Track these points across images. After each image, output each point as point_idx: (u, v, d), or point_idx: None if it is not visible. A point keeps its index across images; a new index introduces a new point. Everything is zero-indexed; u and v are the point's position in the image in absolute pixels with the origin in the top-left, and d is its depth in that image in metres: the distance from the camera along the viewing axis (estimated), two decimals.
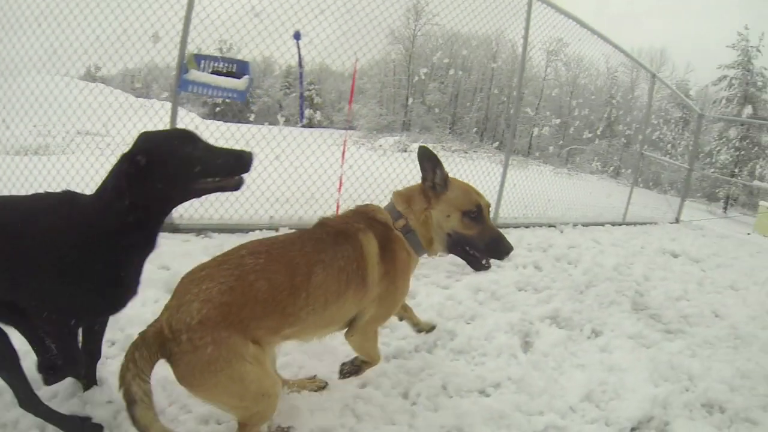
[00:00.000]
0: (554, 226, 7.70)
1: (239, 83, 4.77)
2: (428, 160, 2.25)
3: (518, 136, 37.85)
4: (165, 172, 1.87)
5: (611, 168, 36.00)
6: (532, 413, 2.76)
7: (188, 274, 1.89)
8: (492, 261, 2.37)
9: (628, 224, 9.70)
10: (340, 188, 5.48)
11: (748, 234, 15.58)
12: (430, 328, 3.20)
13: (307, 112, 46.45)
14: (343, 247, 2.10)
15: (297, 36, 5.29)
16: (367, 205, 2.40)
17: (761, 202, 20.73)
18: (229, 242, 3.69)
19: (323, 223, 2.25)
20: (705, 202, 32.49)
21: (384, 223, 2.28)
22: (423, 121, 37.26)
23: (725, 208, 31.89)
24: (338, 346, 2.85)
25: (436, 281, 4.43)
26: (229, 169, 1.98)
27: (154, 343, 1.72)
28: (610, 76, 38.59)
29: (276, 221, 5.13)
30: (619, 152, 35.41)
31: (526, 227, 7.13)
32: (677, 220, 12.16)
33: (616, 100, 39.17)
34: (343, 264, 2.05)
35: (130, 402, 1.63)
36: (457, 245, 2.31)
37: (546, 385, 3.04)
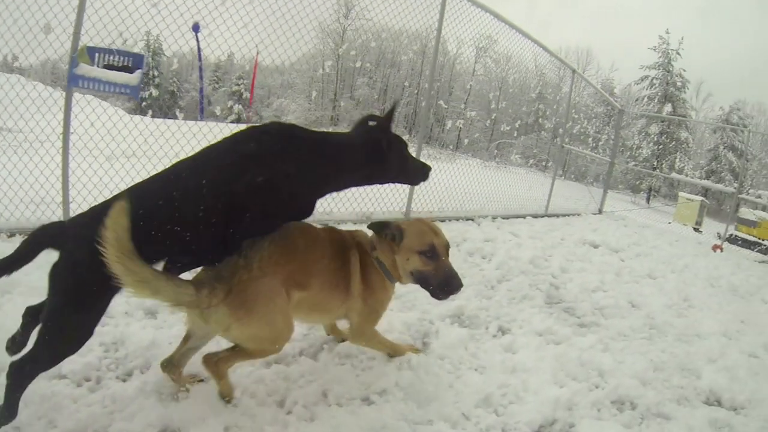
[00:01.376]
0: (472, 219, 7.52)
1: (131, 78, 4.39)
2: (379, 228, 2.65)
3: (447, 131, 38.49)
4: (395, 157, 2.58)
5: (539, 161, 37.19)
6: (418, 422, 2.54)
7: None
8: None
9: (550, 216, 9.73)
10: None
11: (669, 223, 16.28)
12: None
13: (236, 107, 46.13)
14: (342, 253, 2.58)
15: (196, 28, 5.14)
16: (357, 231, 2.81)
17: (680, 193, 22.00)
18: None
19: (333, 229, 2.71)
20: (630, 193, 34.72)
21: (365, 250, 2.69)
22: (351, 116, 37.08)
23: (648, 199, 34.18)
24: None
25: None
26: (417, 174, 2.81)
27: (228, 277, 2.10)
28: (539, 73, 39.86)
29: None
30: (547, 146, 36.68)
31: (441, 221, 6.86)
32: (600, 211, 12.44)
33: (544, 96, 40.43)
34: (340, 265, 2.54)
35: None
36: (419, 281, 2.71)
37: (438, 391, 2.81)
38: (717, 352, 4.25)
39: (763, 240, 16.87)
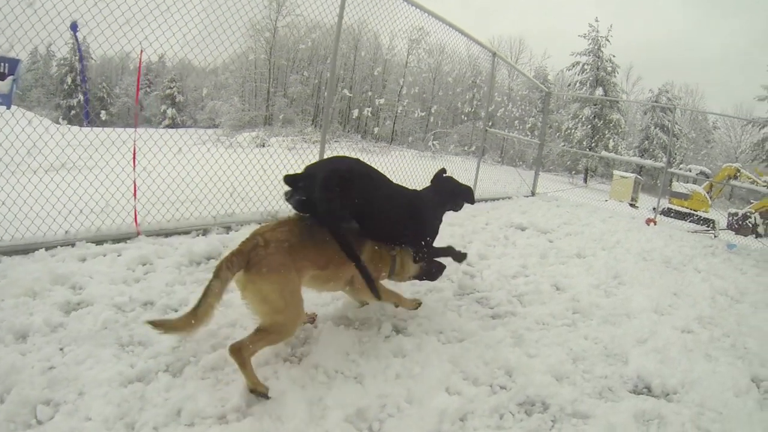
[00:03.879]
0: None
1: (2, 85, 3.77)
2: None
3: (381, 123, 38.32)
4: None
5: (477, 148, 37.68)
6: None
7: (278, 222, 2.82)
8: None
9: (477, 201, 9.30)
10: (135, 194, 4.60)
11: (606, 201, 16.42)
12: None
13: (170, 111, 44.52)
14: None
15: (74, 27, 4.85)
16: None
17: (615, 172, 22.52)
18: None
19: None
20: (568, 175, 35.63)
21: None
22: (285, 114, 36.22)
23: (585, 179, 35.42)
24: None
25: None
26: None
27: (249, 249, 2.53)
28: (471, 63, 40.41)
29: (72, 235, 4.14)
30: (482, 133, 37.14)
31: None
32: (533, 193, 12.24)
33: (478, 84, 40.87)
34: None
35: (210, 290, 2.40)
36: (417, 278, 3.58)
37: (305, 406, 2.43)
38: (647, 332, 3.93)
39: (695, 211, 17.36)
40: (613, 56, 38.16)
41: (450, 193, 3.80)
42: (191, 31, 5.42)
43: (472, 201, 3.90)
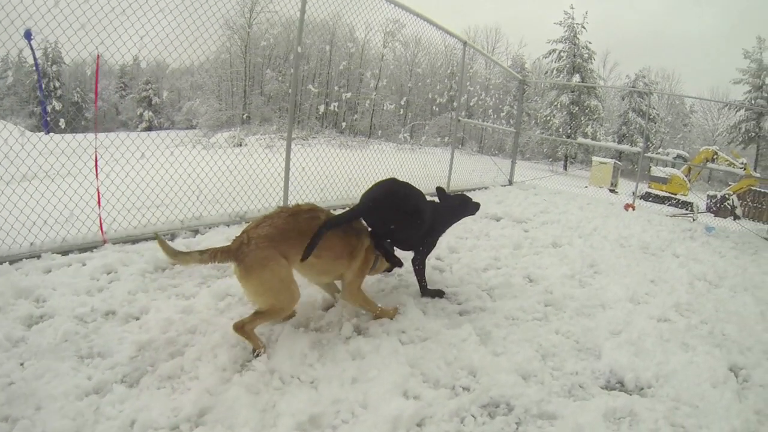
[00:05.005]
0: None
1: None
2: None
3: (359, 118, 38.10)
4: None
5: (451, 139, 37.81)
6: None
7: (262, 217, 3.04)
8: None
9: (453, 192, 9.15)
10: (99, 202, 4.44)
11: (586, 187, 16.43)
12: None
13: (146, 114, 43.91)
14: (354, 236, 3.31)
15: (28, 35, 4.86)
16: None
17: (594, 158, 22.63)
18: None
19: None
20: (548, 162, 35.83)
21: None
22: (263, 112, 35.87)
23: (565, 166, 35.86)
24: None
25: (182, 291, 3.63)
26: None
27: (235, 248, 2.80)
28: (448, 53, 40.29)
29: (37, 247, 4.02)
30: (460, 123, 37.25)
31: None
32: (510, 182, 12.12)
33: (456, 75, 40.81)
34: (348, 242, 3.25)
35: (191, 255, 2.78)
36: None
37: (257, 414, 2.37)
38: (621, 323, 3.83)
39: (674, 194, 17.46)
40: (590, 43, 38.34)
41: (460, 208, 4.29)
42: (164, 29, 5.28)
43: (474, 213, 4.41)
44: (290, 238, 2.94)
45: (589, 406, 2.63)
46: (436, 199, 4.16)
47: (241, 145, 20.03)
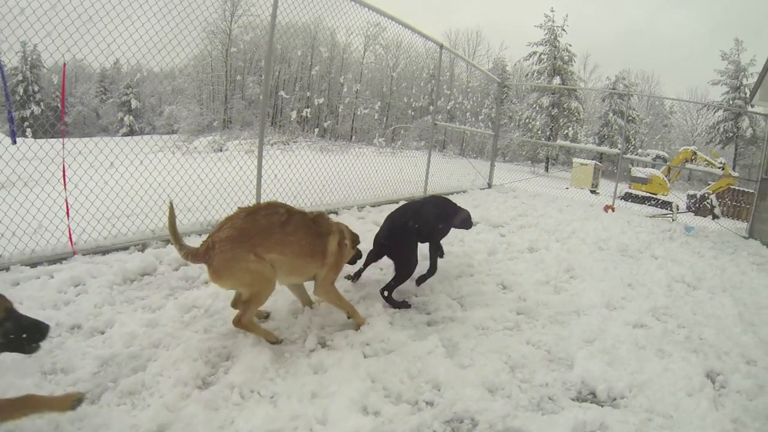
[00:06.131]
0: (335, 213, 6.70)
1: None
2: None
3: (340, 122, 38.05)
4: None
5: (436, 142, 37.89)
6: None
7: (224, 219, 3.09)
8: None
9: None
10: (68, 213, 4.31)
11: (567, 188, 16.42)
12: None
13: (127, 119, 43.31)
14: (323, 234, 3.38)
15: None
16: (342, 223, 3.70)
17: (574, 159, 22.78)
18: None
19: (320, 216, 3.47)
20: (530, 164, 36.05)
21: (344, 235, 3.58)
22: (244, 116, 35.60)
23: (546, 168, 36.26)
24: None
25: (148, 304, 3.53)
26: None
27: (203, 252, 2.91)
28: (429, 57, 40.52)
29: (6, 259, 3.95)
30: (433, 128, 37.42)
31: None
32: (489, 185, 12.05)
33: (436, 78, 41.01)
34: (316, 240, 3.30)
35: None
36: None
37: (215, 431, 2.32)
38: (595, 330, 3.74)
39: (655, 194, 17.60)
40: (570, 45, 38.89)
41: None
42: (148, 32, 5.23)
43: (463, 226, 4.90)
44: (252, 236, 3.01)
45: (557, 420, 2.53)
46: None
47: (221, 150, 19.84)
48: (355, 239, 3.75)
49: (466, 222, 4.80)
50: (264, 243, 3.01)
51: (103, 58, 5.38)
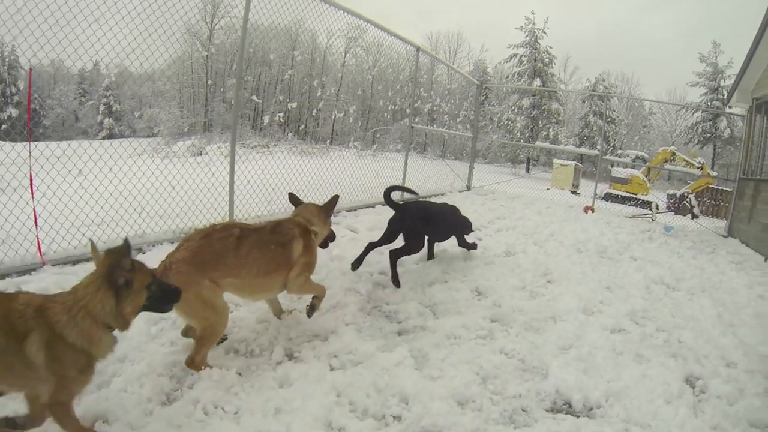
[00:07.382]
0: None
1: None
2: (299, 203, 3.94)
3: (320, 124, 37.96)
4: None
5: (417, 144, 38.01)
6: None
7: (183, 240, 3.03)
8: None
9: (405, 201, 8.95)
10: (36, 222, 4.15)
11: (547, 189, 16.44)
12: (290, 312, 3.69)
13: (107, 121, 42.59)
14: (285, 244, 3.28)
15: None
16: (306, 207, 3.80)
17: (555, 160, 22.89)
18: None
19: (278, 225, 3.38)
20: (510, 165, 36.28)
21: (307, 229, 3.49)
22: (224, 119, 35.31)
23: (527, 169, 37.24)
24: None
25: None
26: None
27: (160, 273, 2.69)
28: (410, 59, 40.46)
29: None
30: (410, 130, 37.55)
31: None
32: (468, 188, 11.98)
33: (417, 80, 41.03)
34: (277, 254, 3.22)
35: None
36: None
37: None
38: (571, 337, 3.65)
39: (635, 194, 17.73)
40: (550, 47, 39.25)
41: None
42: (126, 36, 5.26)
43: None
44: (206, 261, 2.91)
45: None
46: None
47: (201, 154, 19.61)
48: (323, 216, 3.76)
49: (467, 229, 5.61)
50: (219, 268, 2.94)
51: (80, 63, 5.11)
